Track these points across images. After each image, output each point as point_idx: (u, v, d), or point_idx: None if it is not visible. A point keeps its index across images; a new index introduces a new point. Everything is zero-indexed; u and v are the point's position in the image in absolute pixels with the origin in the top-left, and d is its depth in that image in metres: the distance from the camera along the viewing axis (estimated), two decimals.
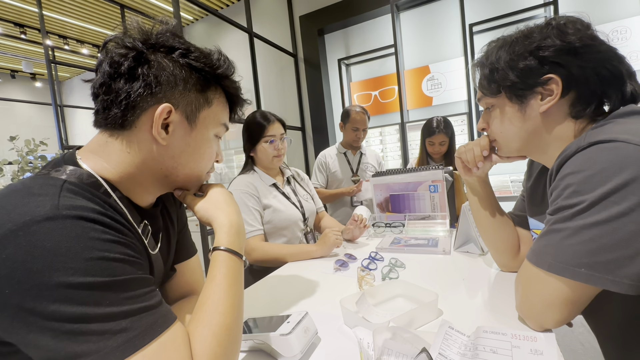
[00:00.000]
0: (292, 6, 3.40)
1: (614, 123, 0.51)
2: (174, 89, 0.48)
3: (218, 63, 0.52)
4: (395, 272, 0.90)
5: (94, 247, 0.37)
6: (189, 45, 0.51)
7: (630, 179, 0.42)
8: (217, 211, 0.54)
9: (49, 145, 3.11)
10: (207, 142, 0.55)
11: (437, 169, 1.33)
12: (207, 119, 0.53)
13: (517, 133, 0.63)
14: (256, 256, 1.18)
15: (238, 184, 1.26)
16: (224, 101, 0.56)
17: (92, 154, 0.49)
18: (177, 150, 0.51)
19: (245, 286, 0.97)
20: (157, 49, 0.48)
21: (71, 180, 0.43)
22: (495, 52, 0.62)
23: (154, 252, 0.55)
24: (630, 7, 2.34)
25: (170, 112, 0.48)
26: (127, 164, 0.49)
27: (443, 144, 1.85)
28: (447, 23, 2.90)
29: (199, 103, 0.52)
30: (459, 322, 0.61)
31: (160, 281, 0.60)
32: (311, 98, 3.41)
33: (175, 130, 0.50)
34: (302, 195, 1.40)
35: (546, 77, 0.56)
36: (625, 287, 0.43)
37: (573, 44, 0.54)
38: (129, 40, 0.47)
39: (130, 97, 0.46)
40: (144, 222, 0.53)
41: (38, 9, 3.19)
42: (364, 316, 0.65)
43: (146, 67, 0.47)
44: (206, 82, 0.52)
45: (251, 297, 0.86)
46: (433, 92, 3.00)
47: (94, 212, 0.40)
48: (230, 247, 0.51)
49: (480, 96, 0.68)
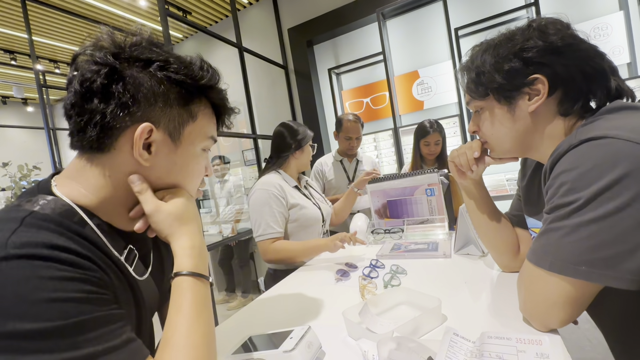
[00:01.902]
0: (280, 19, 3.46)
1: (603, 119, 0.52)
2: (154, 106, 0.45)
3: (200, 73, 0.48)
4: (397, 279, 0.89)
5: (45, 288, 0.33)
6: (168, 56, 0.46)
7: (624, 174, 0.43)
8: (180, 228, 0.48)
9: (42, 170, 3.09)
10: (194, 158, 0.51)
11: (433, 172, 1.33)
12: (193, 134, 0.50)
13: (508, 134, 0.64)
14: (270, 257, 1.25)
15: (265, 183, 1.31)
16: (209, 113, 0.53)
17: (69, 179, 0.46)
18: (163, 170, 0.48)
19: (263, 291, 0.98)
20: (132, 63, 0.44)
21: (43, 211, 0.40)
22: (480, 56, 0.63)
23: (142, 278, 0.51)
24: (609, 4, 2.40)
25: (152, 131, 0.45)
26: (107, 188, 0.46)
27: (438, 143, 1.86)
28: (433, 28, 2.95)
29: (183, 118, 0.48)
30: (464, 328, 0.60)
31: (157, 305, 0.58)
32: (304, 108, 3.43)
33: (158, 150, 0.46)
34: (318, 198, 1.48)
35: (532, 77, 0.57)
36: (627, 283, 0.43)
37: (555, 44, 0.55)
38: (100, 55, 0.43)
39: (106, 118, 0.42)
40: (129, 247, 0.49)
41: (27, 35, 3.21)
42: (367, 327, 0.64)
43: (121, 85, 0.43)
44: (189, 95, 0.48)
45: (252, 313, 0.85)
46: (423, 96, 3.03)
47: (51, 247, 0.36)
48: (195, 270, 0.46)
49: (469, 99, 0.69)
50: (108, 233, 0.46)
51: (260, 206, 1.27)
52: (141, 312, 0.50)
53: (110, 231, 0.47)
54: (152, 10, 3.49)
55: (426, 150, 1.89)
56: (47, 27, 3.64)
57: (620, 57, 2.36)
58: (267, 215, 1.25)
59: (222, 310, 3.09)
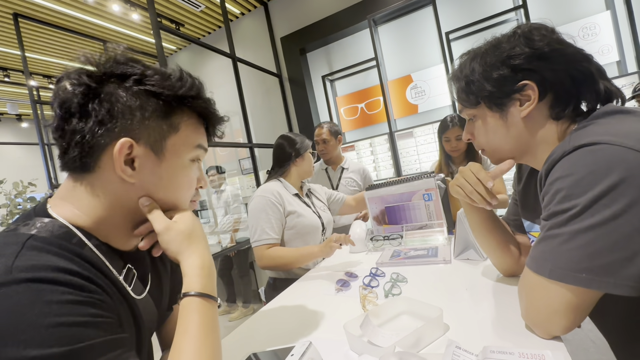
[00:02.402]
0: (272, 29, 3.49)
1: (595, 124, 0.52)
2: (131, 120, 0.44)
3: (179, 84, 0.48)
4: (397, 287, 0.88)
5: (50, 313, 0.33)
6: (144, 70, 0.46)
7: (619, 180, 0.43)
8: (189, 247, 0.49)
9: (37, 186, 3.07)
10: (182, 170, 0.50)
11: (429, 177, 1.34)
12: (177, 146, 0.49)
13: (503, 140, 0.64)
14: (265, 263, 1.25)
15: (264, 190, 1.34)
16: (194, 122, 0.52)
17: (63, 201, 0.46)
18: (150, 185, 0.47)
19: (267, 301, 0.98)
20: (107, 80, 0.44)
21: (41, 234, 0.40)
22: (468, 65, 0.63)
23: (140, 297, 0.51)
24: (596, 4, 2.44)
25: (132, 147, 0.44)
26: (99, 208, 0.45)
27: (459, 138, 1.70)
28: (424, 33, 2.99)
29: (163, 131, 0.47)
30: (466, 338, 0.59)
31: (156, 325, 0.57)
32: (299, 116, 3.44)
33: (142, 165, 0.46)
34: (319, 207, 1.49)
35: (521, 84, 0.57)
36: (627, 290, 0.43)
37: (541, 50, 0.56)
38: (75, 76, 0.43)
39: (85, 138, 0.42)
40: (127, 267, 0.49)
41: (20, 52, 3.21)
42: (369, 340, 0.64)
43: (97, 102, 0.43)
44: (168, 107, 0.47)
45: (253, 327, 0.84)
46: (418, 99, 3.05)
47: (56, 270, 0.36)
48: (203, 291, 0.46)
49: (461, 108, 0.69)
50: (107, 253, 0.46)
51: (258, 212, 1.29)
52: (140, 332, 0.50)
53: (108, 251, 0.47)
54: (144, 23, 3.51)
55: (448, 146, 1.77)
56: (40, 43, 3.64)
57: (609, 55, 2.40)
58: (263, 222, 1.27)
59: (223, 321, 3.06)
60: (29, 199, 2.88)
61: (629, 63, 2.37)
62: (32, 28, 3.31)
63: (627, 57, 2.38)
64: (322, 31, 3.21)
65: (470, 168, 0.72)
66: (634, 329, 0.53)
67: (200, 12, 3.47)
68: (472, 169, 0.71)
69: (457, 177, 0.75)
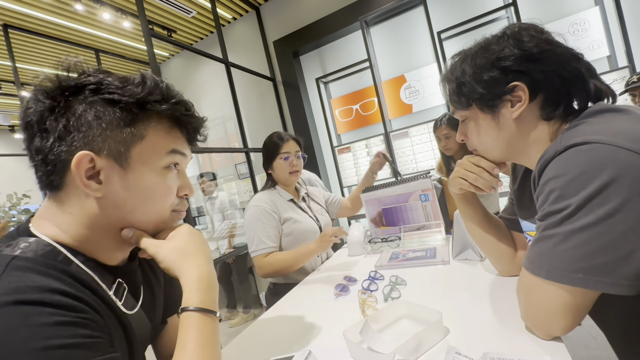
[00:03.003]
0: (264, 32, 3.48)
1: (586, 123, 0.52)
2: (89, 132, 0.42)
3: (139, 89, 0.45)
4: (396, 290, 0.88)
5: (37, 336, 0.32)
6: (101, 78, 0.44)
7: (610, 180, 0.43)
8: (185, 263, 0.47)
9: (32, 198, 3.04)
10: (154, 179, 0.47)
11: (425, 177, 1.33)
12: (145, 154, 0.46)
13: (495, 141, 0.64)
14: (266, 271, 1.24)
15: (257, 200, 1.32)
16: (165, 127, 0.48)
17: (44, 220, 0.45)
18: (120, 198, 0.45)
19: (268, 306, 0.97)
20: (62, 94, 0.43)
21: (25, 254, 0.39)
22: (459, 67, 0.63)
23: (132, 312, 0.49)
24: (585, 0, 2.46)
25: (93, 160, 0.43)
26: (77, 225, 0.44)
27: (448, 137, 1.73)
28: (416, 33, 3.00)
29: (127, 139, 0.45)
30: (466, 341, 0.59)
31: (149, 339, 0.56)
32: (294, 119, 3.44)
33: (108, 178, 0.44)
34: (316, 210, 1.47)
35: (512, 85, 0.57)
36: (623, 289, 0.42)
37: (530, 51, 0.56)
38: (32, 96, 0.43)
39: (47, 156, 0.42)
40: (118, 281, 0.48)
41: (11, 63, 3.19)
42: (369, 346, 0.63)
43: (52, 118, 0.42)
44: (129, 114, 0.45)
45: (250, 338, 0.83)
46: (412, 99, 3.06)
47: (41, 290, 0.35)
48: (201, 305, 0.45)
49: (454, 110, 0.69)
50: (95, 269, 0.45)
51: (253, 222, 1.28)
52: (132, 348, 0.49)
53: (97, 267, 0.46)
54: (136, 31, 3.49)
55: (439, 145, 1.81)
56: (31, 53, 3.61)
57: (600, 50, 2.42)
58: (260, 231, 1.26)
59: (224, 328, 3.04)
60: (24, 210, 2.85)
61: (619, 57, 2.39)
62: (23, 38, 3.29)
63: (617, 51, 2.40)
64: (315, 34, 3.21)
65: (468, 159, 0.73)
66: (636, 330, 0.53)
67: (192, 18, 3.46)
68: (472, 160, 0.72)
69: (455, 170, 0.75)
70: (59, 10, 2.97)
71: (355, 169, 3.23)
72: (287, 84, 3.42)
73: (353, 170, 3.24)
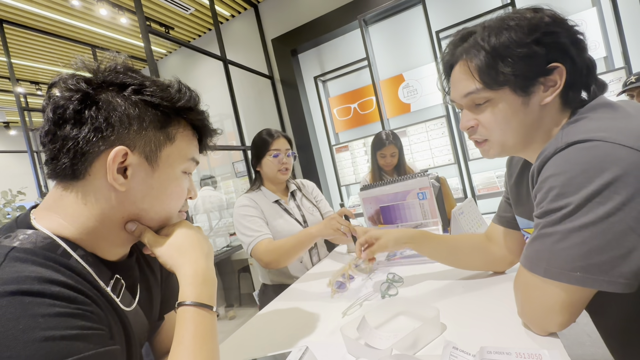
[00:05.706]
0: (263, 30, 3.47)
1: (587, 119, 0.51)
2: (128, 129, 0.44)
3: (178, 96, 0.48)
4: (394, 288, 0.88)
5: (37, 327, 0.32)
6: (143, 80, 0.47)
7: (613, 179, 0.42)
8: (180, 258, 0.49)
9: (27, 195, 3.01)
10: (173, 181, 0.50)
11: (423, 176, 1.34)
12: (172, 157, 0.49)
13: (517, 129, 0.56)
14: (267, 259, 1.17)
15: (239, 202, 1.30)
16: (189, 135, 0.52)
17: (48, 211, 0.45)
18: (139, 194, 0.47)
19: (265, 303, 0.97)
20: (106, 88, 0.44)
21: (24, 246, 0.39)
22: (494, 36, 0.54)
23: (129, 309, 0.50)
24: (583, 1, 2.48)
25: (126, 155, 0.44)
26: (86, 217, 0.44)
27: (394, 155, 1.90)
28: (415, 32, 3.00)
29: (159, 141, 0.47)
30: (463, 337, 0.59)
31: (146, 336, 0.56)
32: (292, 117, 3.43)
33: (134, 174, 0.45)
34: (307, 209, 1.42)
35: (552, 66, 0.51)
36: (621, 287, 0.43)
37: (572, 32, 0.52)
38: (72, 82, 0.43)
39: (79, 144, 0.42)
40: (116, 277, 0.48)
41: (6, 58, 3.16)
42: (366, 342, 0.63)
43: (94, 109, 0.42)
44: (166, 118, 0.48)
45: (248, 334, 0.83)
46: (410, 98, 3.07)
47: (42, 281, 0.35)
48: (197, 300, 0.45)
49: (474, 89, 0.57)
50: (93, 264, 0.45)
51: (240, 219, 1.26)
52: (130, 344, 0.49)
53: (95, 262, 0.46)
54: (133, 27, 3.47)
55: (382, 161, 1.93)
56: (27, 49, 3.58)
57: (597, 51, 2.43)
58: (248, 224, 1.24)
59: (222, 325, 3.03)
60: (19, 207, 2.82)
61: (615, 58, 2.41)
62: (18, 34, 3.26)
63: (614, 52, 2.41)
64: (313, 32, 3.21)
65: None
66: (633, 329, 0.53)
67: (190, 15, 3.44)
68: None
69: None
70: (55, 6, 2.94)
71: (353, 168, 3.23)
72: (285, 82, 3.41)
73: (351, 169, 3.24)
